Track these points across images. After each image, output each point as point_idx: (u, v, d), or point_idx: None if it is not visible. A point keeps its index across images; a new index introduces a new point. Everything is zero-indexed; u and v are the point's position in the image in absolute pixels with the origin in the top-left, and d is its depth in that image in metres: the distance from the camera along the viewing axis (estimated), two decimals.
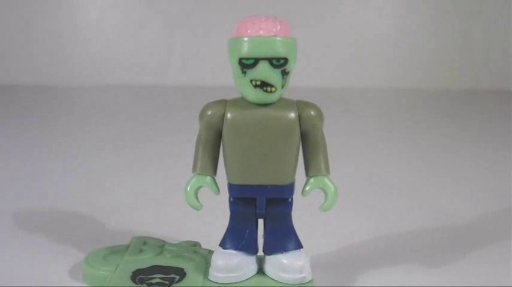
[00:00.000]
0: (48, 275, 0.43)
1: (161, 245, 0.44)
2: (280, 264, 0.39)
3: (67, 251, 0.46)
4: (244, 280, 0.39)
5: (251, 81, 0.36)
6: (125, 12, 1.47)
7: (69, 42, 1.45)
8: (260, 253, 0.40)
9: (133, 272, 0.40)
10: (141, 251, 0.43)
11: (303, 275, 0.38)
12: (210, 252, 0.43)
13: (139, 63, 1.44)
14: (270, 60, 0.36)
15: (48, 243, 0.48)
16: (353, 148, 0.84)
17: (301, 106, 0.38)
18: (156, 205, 0.58)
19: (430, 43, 1.50)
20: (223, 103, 0.38)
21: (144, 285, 0.38)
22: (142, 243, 0.45)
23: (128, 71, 1.42)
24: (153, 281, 0.39)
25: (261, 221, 0.40)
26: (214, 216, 0.43)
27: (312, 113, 0.38)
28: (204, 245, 0.45)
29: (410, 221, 0.54)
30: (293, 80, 0.38)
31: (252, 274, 0.40)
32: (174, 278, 0.39)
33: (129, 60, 1.44)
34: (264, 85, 0.36)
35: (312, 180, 0.39)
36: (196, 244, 0.45)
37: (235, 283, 0.39)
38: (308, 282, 0.39)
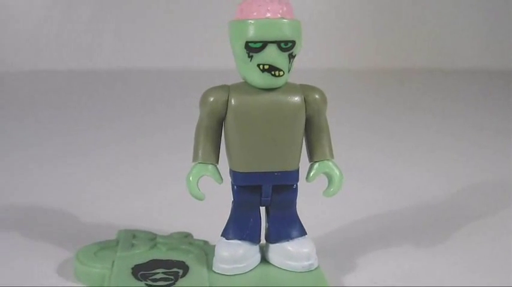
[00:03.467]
0: (37, 276, 0.40)
1: (152, 238, 0.42)
2: (286, 252, 0.38)
3: (51, 249, 0.44)
4: (251, 270, 0.38)
5: (258, 65, 0.35)
6: None
7: None
8: (262, 241, 0.40)
9: (132, 269, 0.38)
10: (133, 245, 0.41)
11: (310, 262, 0.38)
12: (206, 243, 0.42)
13: (68, 47, 1.38)
14: (278, 43, 0.35)
15: (29, 241, 0.45)
16: (351, 132, 0.83)
17: (305, 90, 0.37)
18: (137, 197, 0.56)
19: (429, 22, 1.50)
20: (226, 89, 0.37)
21: (149, 281, 0.36)
22: (132, 237, 0.43)
23: (55, 55, 1.36)
24: (157, 276, 0.37)
25: (262, 209, 0.39)
26: (199, 205, 0.42)
27: (317, 96, 0.37)
28: (194, 236, 0.43)
29: (413, 205, 0.54)
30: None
31: (257, 263, 0.39)
32: (178, 272, 0.38)
33: (57, 43, 1.38)
34: (272, 69, 0.35)
35: (316, 165, 0.38)
36: (188, 235, 0.44)
37: (243, 273, 0.38)
38: (315, 269, 0.38)
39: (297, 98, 0.37)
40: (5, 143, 0.76)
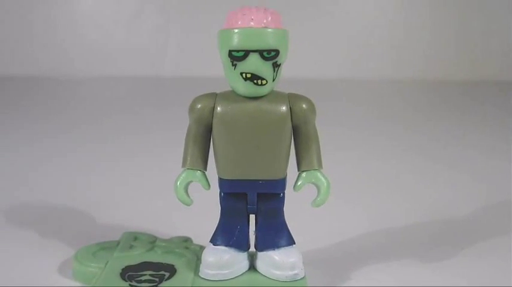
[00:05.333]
0: (37, 273, 0.42)
1: (152, 241, 0.43)
2: (272, 261, 0.38)
3: (56, 248, 0.45)
4: (235, 277, 0.38)
5: (241, 73, 0.35)
6: (120, 2, 1.45)
7: (64, 33, 1.43)
8: (252, 249, 0.40)
9: (122, 269, 0.39)
10: (131, 247, 0.42)
11: (295, 272, 0.38)
12: (202, 248, 0.42)
13: (135, 54, 1.43)
14: (260, 52, 0.35)
15: (36, 239, 0.47)
16: (346, 141, 0.83)
17: (292, 99, 0.37)
18: (147, 200, 0.57)
19: (427, 34, 1.49)
20: (213, 96, 0.37)
21: (133, 282, 0.37)
22: (133, 239, 0.44)
23: (123, 62, 1.41)
24: (143, 278, 0.38)
25: (252, 217, 0.39)
26: (205, 211, 0.43)
27: (304, 106, 0.37)
28: (195, 241, 0.44)
29: (404, 216, 0.53)
30: (284, 70, 0.37)
31: (244, 271, 0.39)
32: (164, 275, 0.38)
33: (124, 51, 1.43)
34: (254, 78, 0.35)
35: (304, 174, 0.38)
36: (187, 240, 0.44)
37: (226, 279, 0.38)
38: (300, 279, 0.38)
39: (282, 107, 0.37)
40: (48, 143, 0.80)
